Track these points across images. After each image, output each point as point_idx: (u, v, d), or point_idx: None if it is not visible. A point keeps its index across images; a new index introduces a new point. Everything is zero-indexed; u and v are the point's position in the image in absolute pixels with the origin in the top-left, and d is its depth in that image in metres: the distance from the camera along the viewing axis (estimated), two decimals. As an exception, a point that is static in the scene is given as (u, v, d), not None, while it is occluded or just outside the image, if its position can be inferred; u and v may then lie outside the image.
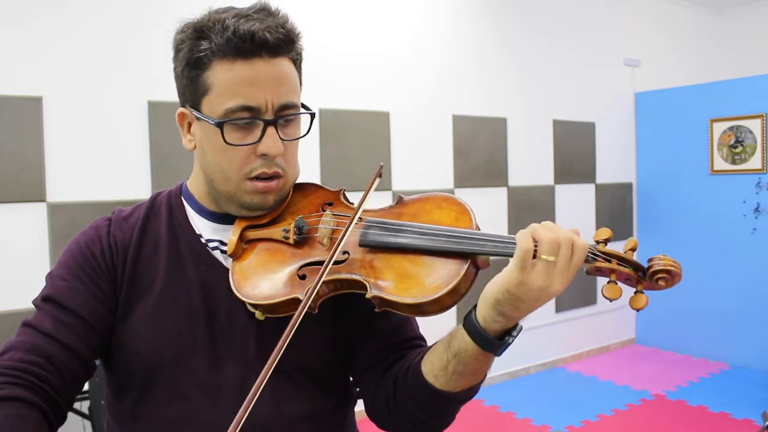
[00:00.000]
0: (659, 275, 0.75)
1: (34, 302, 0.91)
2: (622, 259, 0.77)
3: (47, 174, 2.81)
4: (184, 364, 0.90)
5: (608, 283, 0.77)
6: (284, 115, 0.88)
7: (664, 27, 5.53)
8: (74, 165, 2.88)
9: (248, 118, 0.86)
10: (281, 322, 0.90)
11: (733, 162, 4.67)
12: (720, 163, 4.75)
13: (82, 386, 0.90)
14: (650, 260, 0.76)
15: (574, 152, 4.85)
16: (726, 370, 4.61)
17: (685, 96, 4.96)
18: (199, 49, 0.86)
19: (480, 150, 4.28)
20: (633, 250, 0.78)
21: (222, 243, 0.95)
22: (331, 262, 0.82)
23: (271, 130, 0.87)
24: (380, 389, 0.92)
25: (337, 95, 3.64)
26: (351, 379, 1.02)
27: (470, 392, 0.86)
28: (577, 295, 4.90)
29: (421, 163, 3.98)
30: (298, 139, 0.93)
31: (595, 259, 0.77)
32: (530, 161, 4.56)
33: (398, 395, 0.89)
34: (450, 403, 0.86)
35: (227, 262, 0.93)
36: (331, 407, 0.97)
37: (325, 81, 3.57)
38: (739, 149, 4.63)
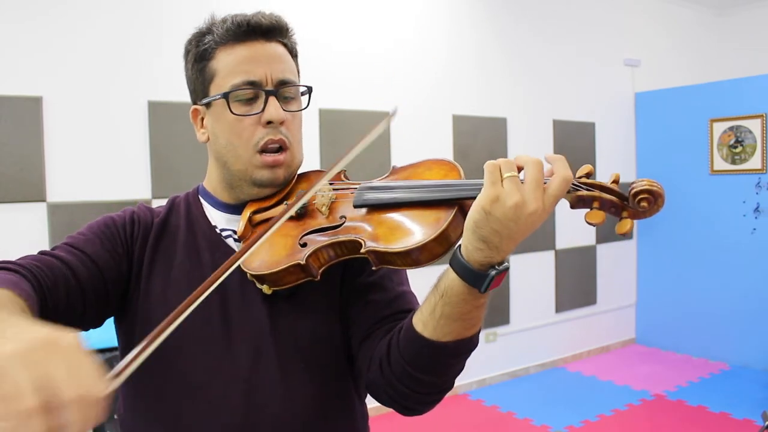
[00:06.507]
0: (641, 195, 0.73)
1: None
2: (604, 188, 0.77)
3: (47, 174, 2.81)
4: (198, 344, 0.94)
5: (591, 210, 0.76)
6: (283, 88, 0.98)
7: (664, 27, 5.53)
8: (74, 165, 2.88)
9: (251, 89, 0.96)
10: (290, 297, 0.95)
11: (733, 162, 4.67)
12: (720, 163, 4.75)
13: (72, 316, 0.88)
14: (632, 183, 0.75)
15: (574, 152, 4.85)
16: (726, 370, 4.61)
17: (685, 96, 4.96)
18: (204, 43, 0.99)
19: (480, 150, 4.28)
20: (616, 182, 0.77)
21: (235, 232, 1.03)
22: (302, 201, 0.83)
23: (272, 99, 0.97)
24: (375, 354, 0.93)
25: (337, 95, 3.64)
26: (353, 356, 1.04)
27: (461, 345, 0.83)
28: (577, 295, 4.91)
29: (421, 163, 3.98)
30: (299, 111, 1.03)
31: (577, 190, 0.77)
32: (530, 161, 4.56)
33: (391, 354, 0.89)
34: (440, 354, 0.83)
35: (239, 247, 0.97)
36: (336, 391, 1.00)
37: (325, 81, 3.57)
38: (739, 149, 4.63)
